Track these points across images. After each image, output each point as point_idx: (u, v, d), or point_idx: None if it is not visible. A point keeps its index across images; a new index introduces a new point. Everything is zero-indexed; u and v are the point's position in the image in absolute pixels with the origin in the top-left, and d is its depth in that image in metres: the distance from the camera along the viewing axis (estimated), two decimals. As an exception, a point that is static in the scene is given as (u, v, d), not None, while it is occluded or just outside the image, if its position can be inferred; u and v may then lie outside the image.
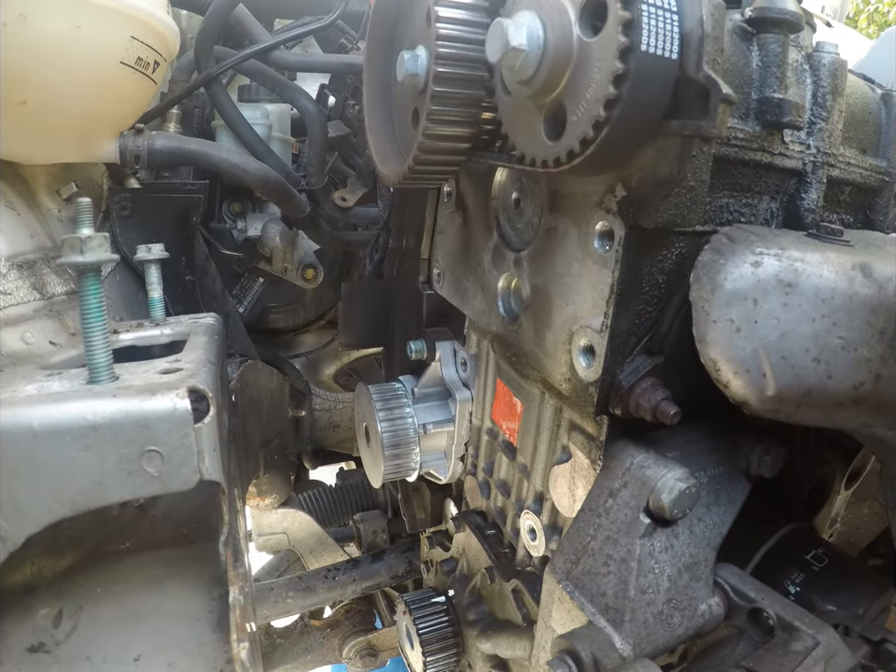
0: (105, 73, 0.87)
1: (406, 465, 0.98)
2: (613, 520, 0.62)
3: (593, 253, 0.61)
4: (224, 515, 0.65)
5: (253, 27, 1.26)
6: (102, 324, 0.61)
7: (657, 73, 0.47)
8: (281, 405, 1.35)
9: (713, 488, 0.66)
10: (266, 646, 1.33)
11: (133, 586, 0.72)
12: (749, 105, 0.60)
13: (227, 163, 1.14)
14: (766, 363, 0.52)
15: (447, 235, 0.94)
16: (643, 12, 0.45)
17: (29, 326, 0.83)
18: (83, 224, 0.62)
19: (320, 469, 1.77)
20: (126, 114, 1.00)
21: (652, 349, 0.63)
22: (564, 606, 0.65)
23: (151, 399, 0.57)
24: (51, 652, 0.65)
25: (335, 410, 1.67)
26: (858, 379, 0.53)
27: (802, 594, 0.70)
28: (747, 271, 0.52)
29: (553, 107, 0.54)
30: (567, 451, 0.73)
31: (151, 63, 0.93)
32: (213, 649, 0.67)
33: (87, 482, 0.56)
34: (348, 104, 1.30)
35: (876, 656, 0.63)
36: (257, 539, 1.41)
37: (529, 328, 0.73)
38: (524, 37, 0.51)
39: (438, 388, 1.01)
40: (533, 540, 0.82)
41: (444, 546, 1.10)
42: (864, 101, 0.73)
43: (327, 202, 1.34)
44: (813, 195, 0.67)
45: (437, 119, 0.62)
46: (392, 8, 0.73)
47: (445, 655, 1.00)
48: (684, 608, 0.62)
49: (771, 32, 0.60)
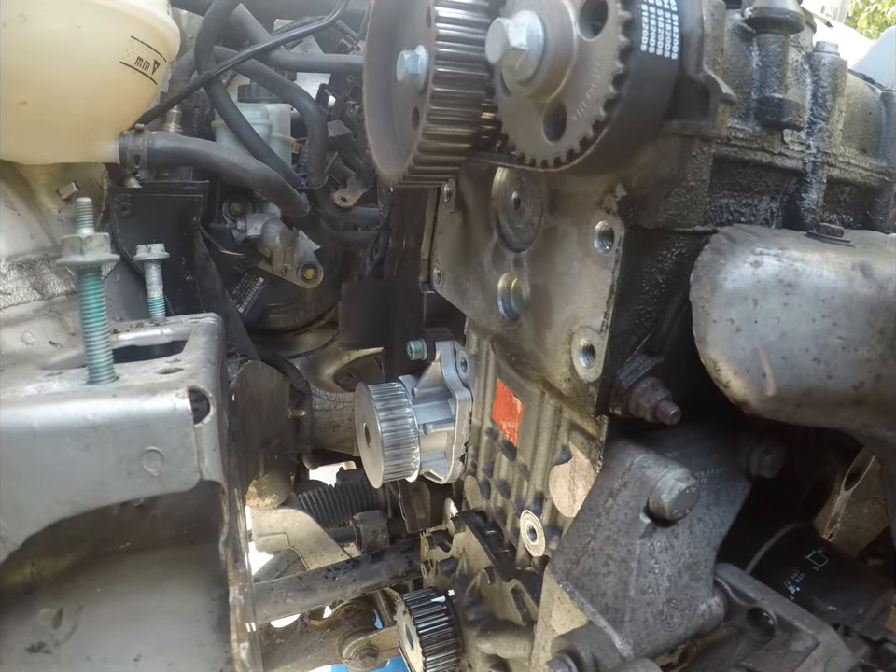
0: (105, 73, 0.86)
1: (406, 465, 0.98)
2: (613, 520, 0.62)
3: (593, 253, 0.61)
4: (224, 515, 0.65)
5: (253, 27, 1.26)
6: (102, 324, 0.61)
7: (657, 73, 0.47)
8: (281, 405, 1.35)
9: (713, 488, 0.66)
10: (266, 646, 1.33)
11: (132, 586, 0.72)
12: (749, 104, 0.60)
13: (227, 163, 1.14)
14: (766, 363, 0.52)
15: (447, 235, 0.94)
16: (643, 12, 0.45)
17: (29, 326, 0.83)
18: (83, 224, 0.62)
19: (320, 469, 1.77)
20: (126, 114, 1.00)
21: (652, 349, 0.63)
22: (564, 606, 0.65)
23: (151, 398, 0.57)
24: (51, 652, 0.65)
25: (335, 410, 1.67)
26: (858, 379, 0.53)
27: (802, 594, 0.70)
28: (747, 271, 0.52)
29: (553, 107, 0.54)
30: (566, 451, 0.73)
31: (151, 63, 0.93)
32: (213, 649, 0.67)
33: (87, 482, 0.56)
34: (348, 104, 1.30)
35: (876, 656, 0.63)
36: (257, 539, 1.41)
37: (529, 328, 0.73)
38: (523, 37, 0.51)
39: (438, 388, 1.01)
40: (533, 540, 0.82)
41: (444, 546, 1.10)
42: (864, 101, 0.73)
43: (327, 202, 1.34)
44: (813, 195, 0.67)
45: (437, 119, 0.62)
46: (392, 8, 0.73)
47: (445, 655, 1.00)
48: (684, 608, 0.62)
49: (771, 32, 0.60)
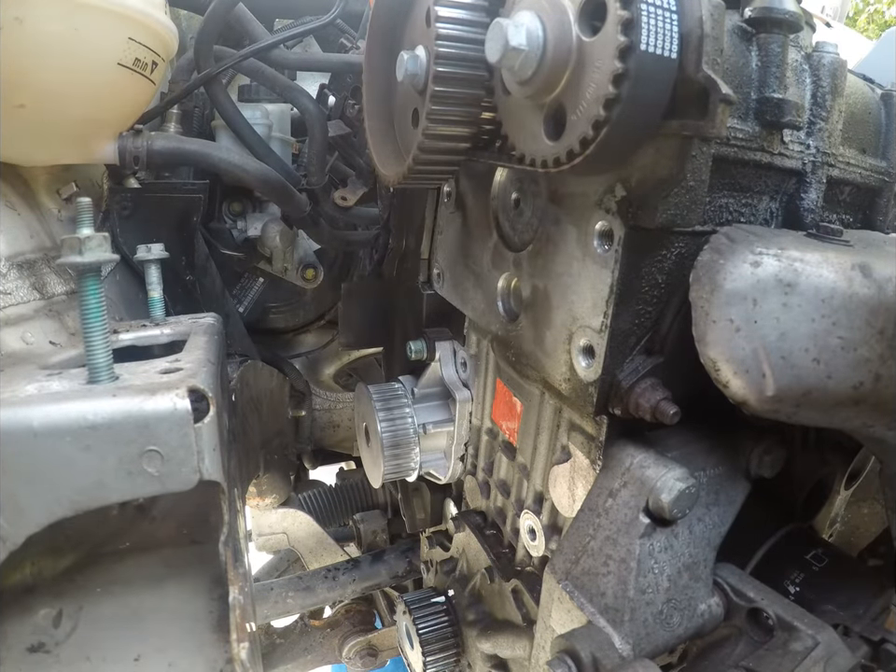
0: (103, 75, 0.86)
1: (406, 465, 0.98)
2: (613, 520, 0.62)
3: (592, 253, 0.61)
4: (224, 515, 0.65)
5: (253, 26, 1.26)
6: (102, 324, 0.61)
7: (657, 72, 0.47)
8: (281, 405, 1.35)
9: (713, 488, 0.66)
10: (266, 646, 1.33)
11: (132, 586, 0.72)
12: (749, 104, 0.60)
13: (227, 163, 1.13)
14: (766, 363, 0.51)
15: (447, 235, 0.94)
16: (642, 12, 0.45)
17: (29, 326, 0.83)
18: (83, 224, 0.62)
19: (320, 469, 1.77)
20: (125, 115, 1.00)
21: (652, 349, 0.62)
22: (563, 606, 0.65)
23: (151, 398, 0.57)
24: (51, 652, 0.65)
25: (335, 410, 1.67)
26: (857, 379, 0.53)
27: (802, 594, 0.70)
28: (746, 271, 0.52)
29: (552, 107, 0.54)
30: (566, 451, 0.73)
31: (149, 64, 0.93)
32: (213, 649, 0.67)
33: (87, 482, 0.56)
34: (348, 103, 1.30)
35: (876, 656, 0.63)
36: (257, 538, 1.41)
37: (529, 328, 0.73)
38: (523, 38, 0.51)
39: (437, 388, 1.01)
40: (533, 540, 0.82)
41: (444, 546, 1.10)
42: (864, 101, 0.73)
43: (327, 201, 1.34)
44: (813, 195, 0.67)
45: (437, 118, 0.62)
46: (392, 9, 0.73)
47: (445, 655, 1.00)
48: (684, 608, 0.62)
49: (771, 32, 0.60)
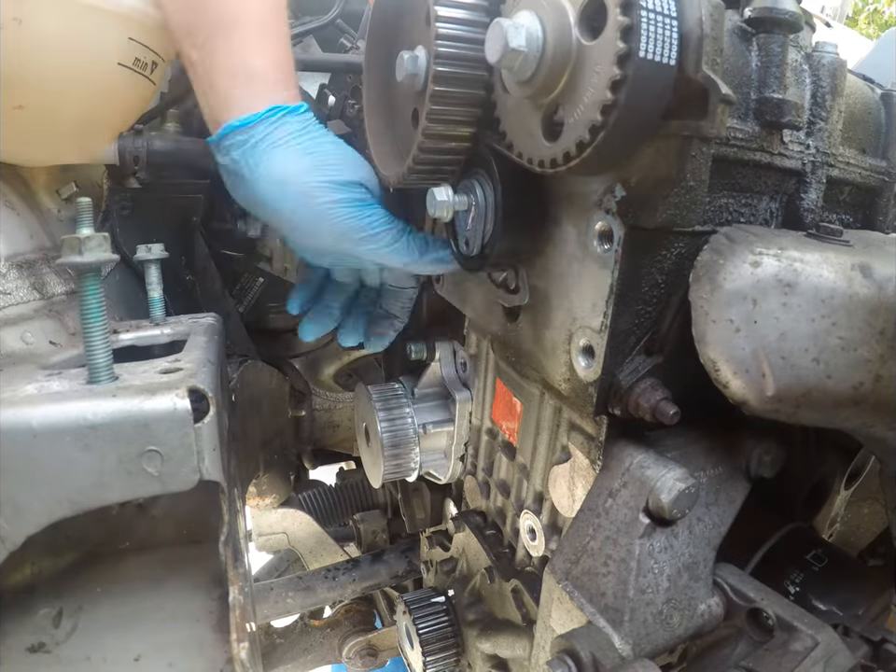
0: (103, 75, 0.86)
1: (406, 465, 0.98)
2: (613, 520, 0.62)
3: (592, 253, 0.61)
4: (224, 515, 0.65)
5: (253, 27, 1.26)
6: (102, 324, 0.61)
7: (655, 79, 0.46)
8: (281, 405, 1.35)
9: (713, 488, 0.66)
10: (266, 646, 1.33)
11: (132, 586, 0.72)
12: (749, 105, 0.60)
13: (227, 163, 1.13)
14: (766, 363, 0.52)
15: (447, 235, 0.94)
16: (642, 18, 0.45)
17: (29, 326, 0.83)
18: (83, 224, 0.62)
19: (320, 469, 1.76)
20: (124, 115, 1.00)
21: (652, 349, 0.63)
22: (563, 606, 0.65)
23: (151, 398, 0.57)
24: (51, 652, 0.65)
25: (335, 410, 1.67)
26: (857, 379, 0.53)
27: (802, 594, 0.70)
28: (746, 271, 0.52)
29: (551, 109, 0.54)
30: (566, 451, 0.73)
31: (149, 64, 0.92)
32: (213, 649, 0.67)
33: (87, 482, 0.56)
34: (348, 103, 1.30)
35: (876, 656, 0.63)
36: (257, 538, 1.41)
37: (529, 328, 0.73)
38: (522, 38, 0.51)
39: (437, 388, 1.01)
40: (533, 540, 0.82)
41: (444, 546, 1.10)
42: (864, 101, 0.73)
43: (327, 201, 1.33)
44: (812, 195, 0.67)
45: (437, 118, 0.62)
46: (391, 9, 0.73)
47: (445, 655, 1.00)
48: (684, 608, 0.62)
49: (770, 32, 0.60)
